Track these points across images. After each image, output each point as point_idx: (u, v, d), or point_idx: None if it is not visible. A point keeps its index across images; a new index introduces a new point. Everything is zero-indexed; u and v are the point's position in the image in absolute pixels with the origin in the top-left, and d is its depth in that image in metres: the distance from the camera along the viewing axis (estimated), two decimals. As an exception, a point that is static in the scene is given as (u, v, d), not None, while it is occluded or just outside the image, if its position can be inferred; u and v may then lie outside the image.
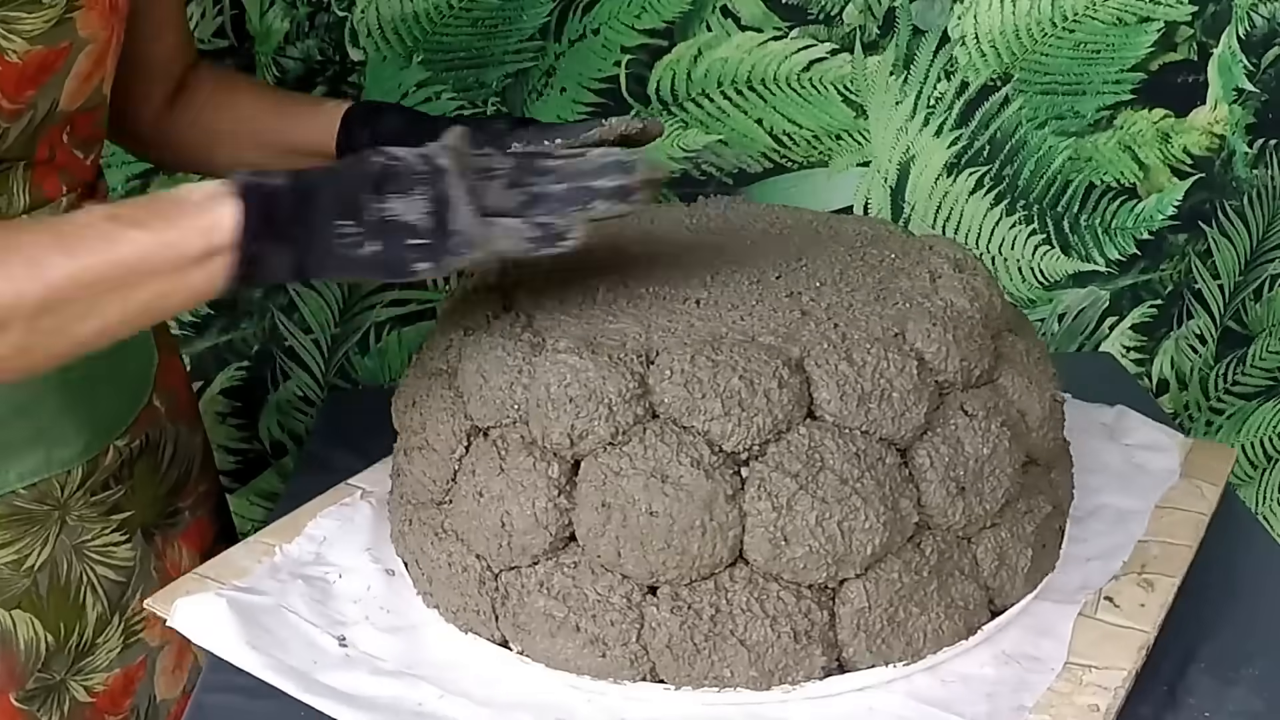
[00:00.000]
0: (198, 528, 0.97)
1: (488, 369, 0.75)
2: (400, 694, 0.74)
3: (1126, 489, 0.93)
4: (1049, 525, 0.79)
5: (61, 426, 0.82)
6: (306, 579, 0.84)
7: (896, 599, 0.71)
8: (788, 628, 0.70)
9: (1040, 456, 0.79)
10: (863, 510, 0.69)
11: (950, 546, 0.74)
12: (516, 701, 0.73)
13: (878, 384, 0.71)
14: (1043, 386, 0.79)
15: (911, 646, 0.73)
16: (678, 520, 0.68)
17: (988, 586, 0.76)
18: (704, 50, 1.19)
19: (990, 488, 0.74)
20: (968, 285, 0.79)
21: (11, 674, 0.83)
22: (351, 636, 0.79)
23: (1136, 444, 0.99)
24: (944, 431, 0.73)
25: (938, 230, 1.27)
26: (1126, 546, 0.85)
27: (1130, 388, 1.27)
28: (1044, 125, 1.24)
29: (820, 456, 0.70)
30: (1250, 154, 1.28)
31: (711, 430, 0.69)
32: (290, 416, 1.32)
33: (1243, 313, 1.37)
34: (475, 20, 1.16)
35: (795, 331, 0.74)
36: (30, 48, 0.71)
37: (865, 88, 1.22)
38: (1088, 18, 1.20)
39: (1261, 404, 1.43)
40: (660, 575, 0.70)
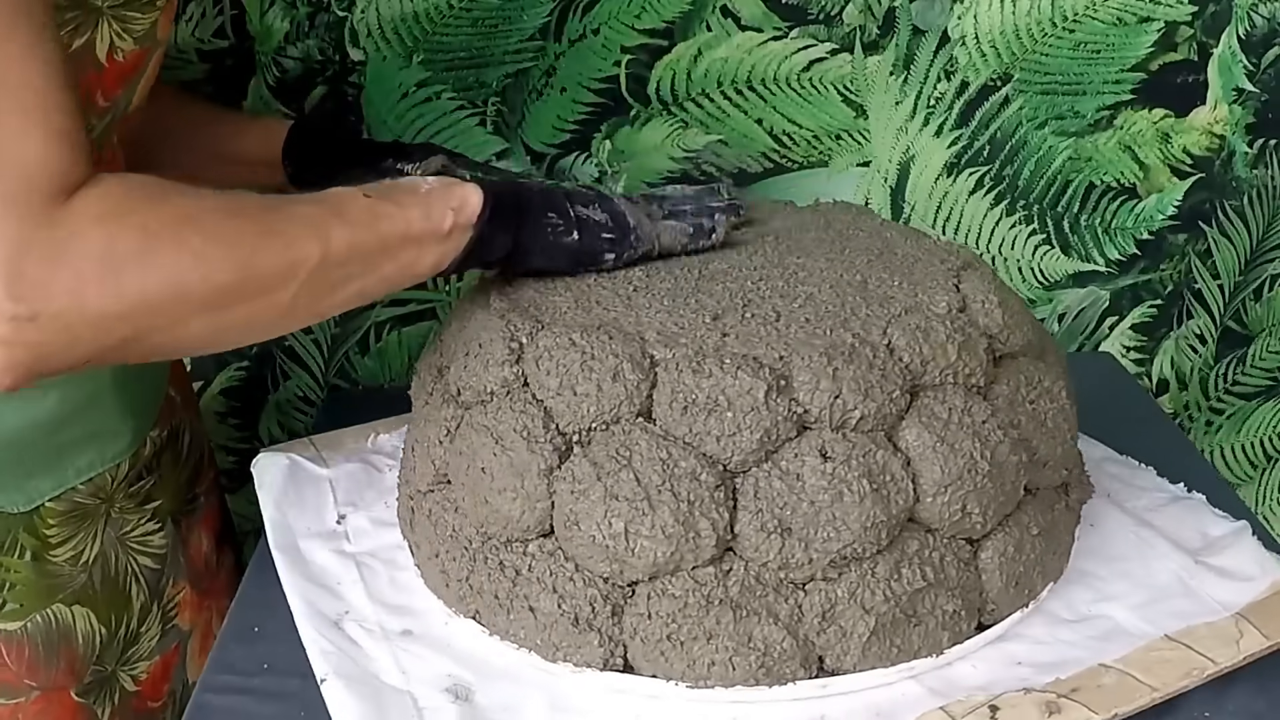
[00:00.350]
0: (211, 513, 1.00)
1: (456, 314, 0.84)
2: (333, 570, 0.84)
3: (1149, 608, 0.80)
4: (927, 602, 0.73)
5: (114, 421, 0.84)
6: (366, 465, 0.95)
7: (680, 616, 0.70)
8: (571, 609, 0.72)
9: (936, 525, 0.74)
10: (650, 517, 0.69)
11: (762, 585, 0.71)
12: (397, 605, 0.81)
13: (714, 399, 0.70)
14: (958, 453, 0.72)
15: (694, 670, 0.71)
16: (497, 480, 0.74)
17: (809, 641, 0.72)
18: (704, 50, 1.19)
19: (825, 538, 0.70)
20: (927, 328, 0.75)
21: (72, 669, 0.85)
22: (350, 518, 0.90)
23: (1214, 565, 0.84)
24: (787, 466, 0.70)
25: (937, 230, 1.27)
26: (1078, 664, 0.74)
27: (1130, 388, 1.27)
28: (1044, 125, 1.24)
29: (628, 455, 0.70)
30: (1250, 154, 1.28)
31: (551, 407, 0.74)
32: (290, 416, 1.32)
33: (1243, 313, 1.37)
34: (475, 20, 1.16)
35: (681, 333, 0.75)
36: (135, 47, 0.73)
37: (865, 88, 1.22)
38: (1088, 18, 1.20)
39: (1261, 404, 1.43)
40: (485, 528, 0.76)
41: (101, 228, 0.61)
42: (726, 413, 0.70)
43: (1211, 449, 1.44)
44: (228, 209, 0.67)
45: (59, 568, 0.82)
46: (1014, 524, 0.77)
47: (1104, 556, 0.85)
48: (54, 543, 0.82)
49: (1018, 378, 0.79)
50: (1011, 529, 0.77)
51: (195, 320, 0.65)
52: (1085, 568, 0.84)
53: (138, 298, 0.62)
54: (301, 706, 0.75)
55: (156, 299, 0.62)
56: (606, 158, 1.22)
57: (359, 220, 0.70)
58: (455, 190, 0.75)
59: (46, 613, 0.82)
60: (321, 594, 0.81)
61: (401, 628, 0.79)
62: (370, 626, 0.79)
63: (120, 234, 0.61)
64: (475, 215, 0.75)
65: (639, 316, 0.78)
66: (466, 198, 0.75)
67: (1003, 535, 0.77)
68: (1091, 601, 0.81)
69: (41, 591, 0.82)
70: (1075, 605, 0.81)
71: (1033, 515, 0.79)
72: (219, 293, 0.64)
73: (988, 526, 0.75)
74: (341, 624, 0.79)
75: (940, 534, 0.74)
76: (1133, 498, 0.93)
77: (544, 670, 0.74)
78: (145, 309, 0.62)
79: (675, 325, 0.76)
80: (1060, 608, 0.81)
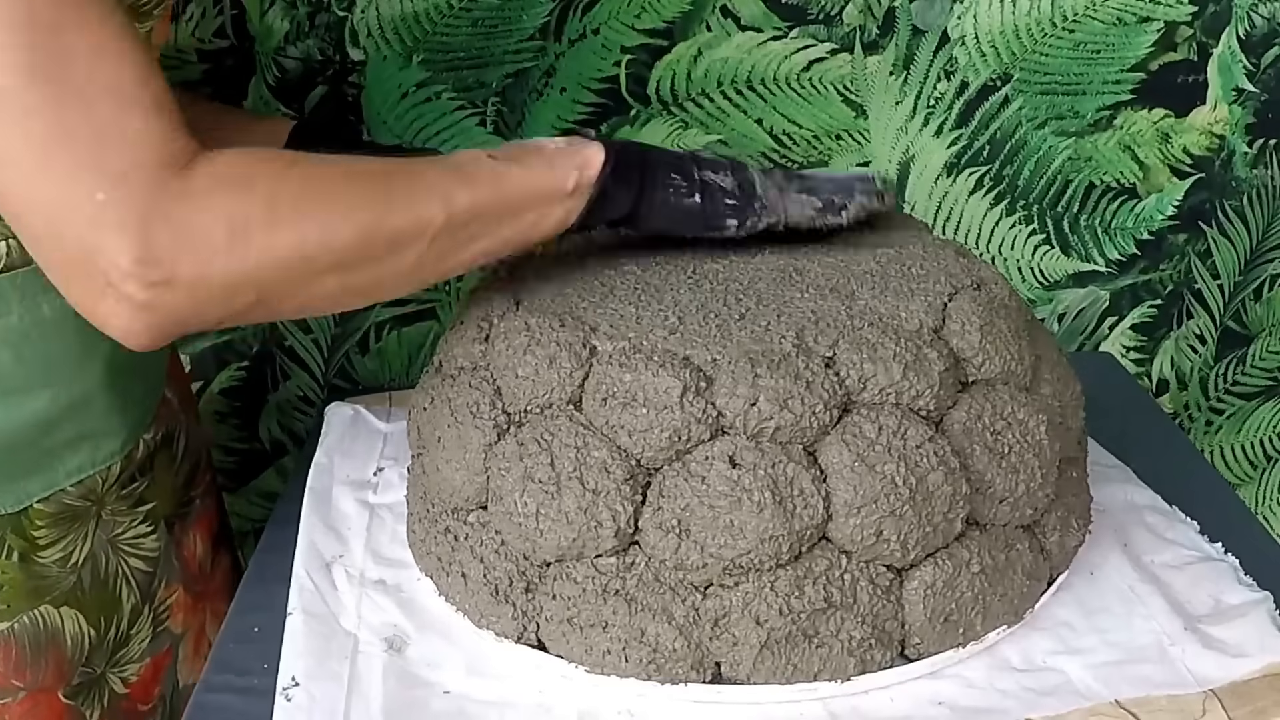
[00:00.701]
0: (207, 515, 0.99)
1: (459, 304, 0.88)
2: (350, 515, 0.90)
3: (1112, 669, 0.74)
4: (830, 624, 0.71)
5: (106, 422, 0.83)
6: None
7: (579, 601, 0.73)
8: (491, 580, 0.76)
9: (850, 548, 0.71)
10: (557, 502, 0.71)
11: (661, 583, 0.71)
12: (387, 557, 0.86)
13: (633, 393, 0.71)
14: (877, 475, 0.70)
15: (590, 656, 0.73)
16: (445, 451, 0.78)
17: (702, 645, 0.72)
18: (704, 50, 1.19)
19: (720, 544, 0.69)
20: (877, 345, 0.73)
21: (60, 671, 0.84)
22: (387, 471, 0.95)
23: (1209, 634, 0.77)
24: (695, 468, 0.70)
25: (937, 230, 1.27)
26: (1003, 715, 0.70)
27: (1130, 388, 1.27)
28: (1044, 125, 1.24)
29: (549, 440, 0.73)
30: (1250, 154, 1.28)
31: (501, 386, 0.77)
32: (290, 416, 1.32)
33: (1243, 313, 1.37)
34: (475, 20, 1.16)
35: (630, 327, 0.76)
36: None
37: (865, 88, 1.22)
38: (1088, 18, 1.20)
39: (1261, 404, 1.43)
40: (439, 499, 0.80)
41: (226, 195, 0.63)
42: (641, 408, 0.71)
43: (1211, 449, 1.44)
44: (351, 173, 0.69)
45: (47, 569, 0.82)
46: (947, 557, 0.73)
47: (1086, 608, 0.81)
48: (42, 544, 0.81)
49: (983, 405, 0.75)
50: (943, 562, 0.73)
51: (321, 282, 0.67)
52: (1059, 615, 0.80)
53: (265, 263, 0.64)
54: (301, 706, 0.75)
55: (283, 264, 0.65)
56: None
57: (482, 181, 0.71)
58: (580, 150, 0.76)
59: (34, 614, 0.82)
60: (328, 536, 0.87)
61: (378, 577, 0.84)
62: (353, 572, 0.84)
63: (245, 201, 0.63)
64: (595, 174, 0.75)
65: (607, 308, 0.78)
66: (590, 157, 0.75)
67: (932, 567, 0.73)
68: (1050, 653, 0.76)
69: (29, 592, 0.82)
70: (1031, 654, 0.76)
71: (975, 552, 0.75)
72: (344, 256, 0.66)
73: (910, 555, 0.72)
74: (331, 567, 0.85)
75: (856, 557, 0.71)
76: (1154, 551, 0.87)
77: (474, 634, 0.78)
78: (273, 274, 0.65)
79: (635, 320, 0.76)
80: (1013, 654, 0.76)
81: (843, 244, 0.87)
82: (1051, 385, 0.81)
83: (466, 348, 0.81)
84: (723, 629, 0.71)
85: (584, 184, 0.75)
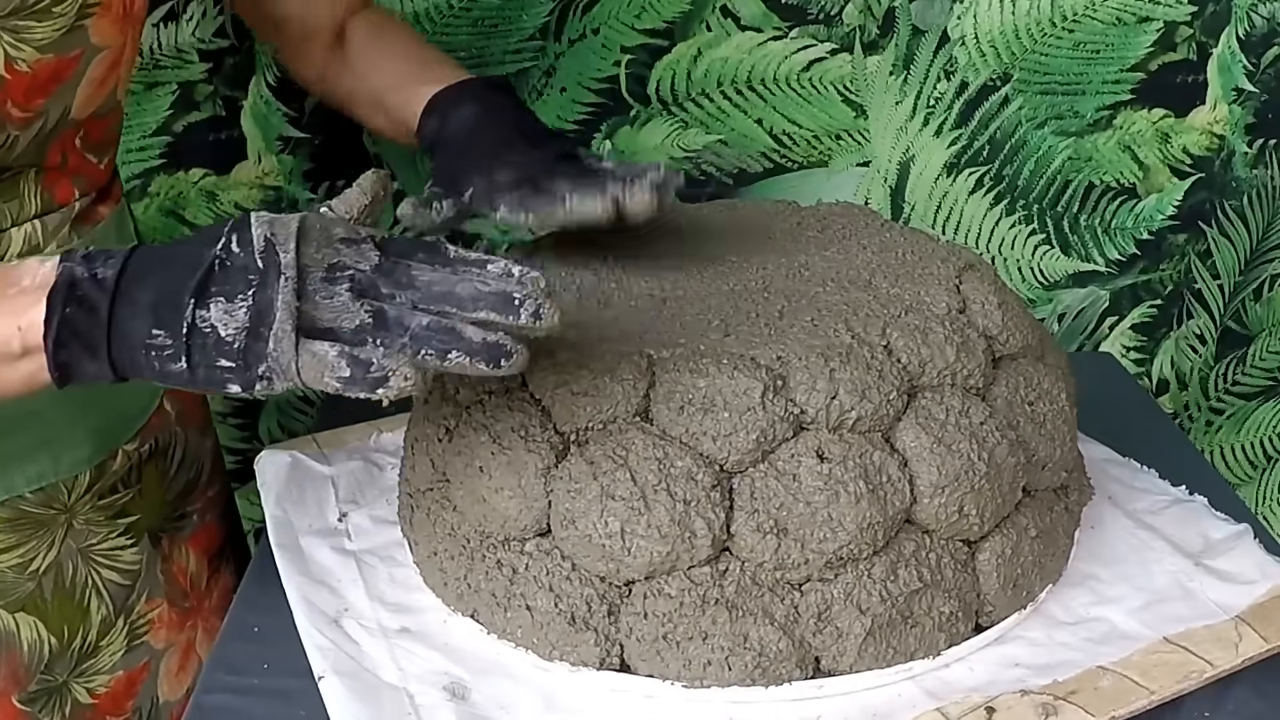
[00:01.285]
0: (205, 531, 0.97)
1: None
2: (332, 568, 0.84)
3: (1147, 610, 0.79)
4: (924, 603, 0.73)
5: (70, 432, 0.82)
6: (368, 463, 0.95)
7: (676, 616, 0.70)
8: (567, 608, 0.72)
9: (933, 527, 0.73)
10: (645, 517, 0.69)
11: (758, 585, 0.71)
12: (395, 603, 0.81)
13: (709, 398, 0.70)
14: (955, 454, 0.72)
15: (689, 670, 0.71)
16: (494, 480, 0.73)
17: (805, 642, 0.72)
18: (704, 50, 1.19)
19: (821, 538, 0.69)
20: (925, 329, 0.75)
21: (14, 676, 0.84)
22: (352, 516, 0.89)
23: (1215, 568, 0.83)
24: (783, 466, 0.70)
25: (937, 230, 1.27)
26: (1075, 666, 0.74)
27: (1130, 388, 1.27)
28: (1043, 125, 1.24)
29: (624, 454, 0.70)
30: (1250, 154, 1.28)
31: (550, 407, 0.73)
32: (290, 416, 1.32)
33: (1243, 313, 1.37)
34: (475, 20, 1.16)
35: (681, 333, 0.75)
36: (40, 56, 0.71)
37: (865, 88, 1.22)
38: (1087, 18, 1.20)
39: (1261, 404, 1.43)
40: (483, 527, 0.75)
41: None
42: (723, 412, 0.70)
43: (1211, 449, 1.44)
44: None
45: (2, 574, 0.81)
46: (1011, 526, 0.77)
47: (1103, 559, 0.85)
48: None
49: (1016, 379, 0.79)
50: (1009, 531, 0.77)
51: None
52: (1085, 570, 0.84)
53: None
54: (301, 706, 0.75)
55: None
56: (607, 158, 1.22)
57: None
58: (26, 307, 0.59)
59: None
60: (321, 591, 0.81)
61: (399, 625, 0.79)
62: (369, 624, 0.79)
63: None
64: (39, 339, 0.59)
65: (638, 316, 0.77)
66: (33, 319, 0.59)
67: (1000, 537, 0.76)
68: (1090, 604, 0.81)
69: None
70: (1073, 608, 0.80)
71: (1030, 517, 0.78)
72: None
73: (985, 528, 0.75)
74: (340, 621, 0.79)
75: (937, 535, 0.74)
76: (1133, 500, 0.92)
77: (541, 669, 0.74)
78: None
79: (677, 324, 0.76)
80: (1058, 610, 0.80)
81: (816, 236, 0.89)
82: (1053, 352, 0.84)
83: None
84: (826, 622, 0.71)
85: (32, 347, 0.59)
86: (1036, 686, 0.72)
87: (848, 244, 0.88)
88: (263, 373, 0.57)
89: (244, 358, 0.57)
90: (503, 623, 0.75)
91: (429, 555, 0.80)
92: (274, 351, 0.57)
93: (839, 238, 0.89)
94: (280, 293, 0.57)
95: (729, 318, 0.77)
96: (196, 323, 0.57)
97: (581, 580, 0.72)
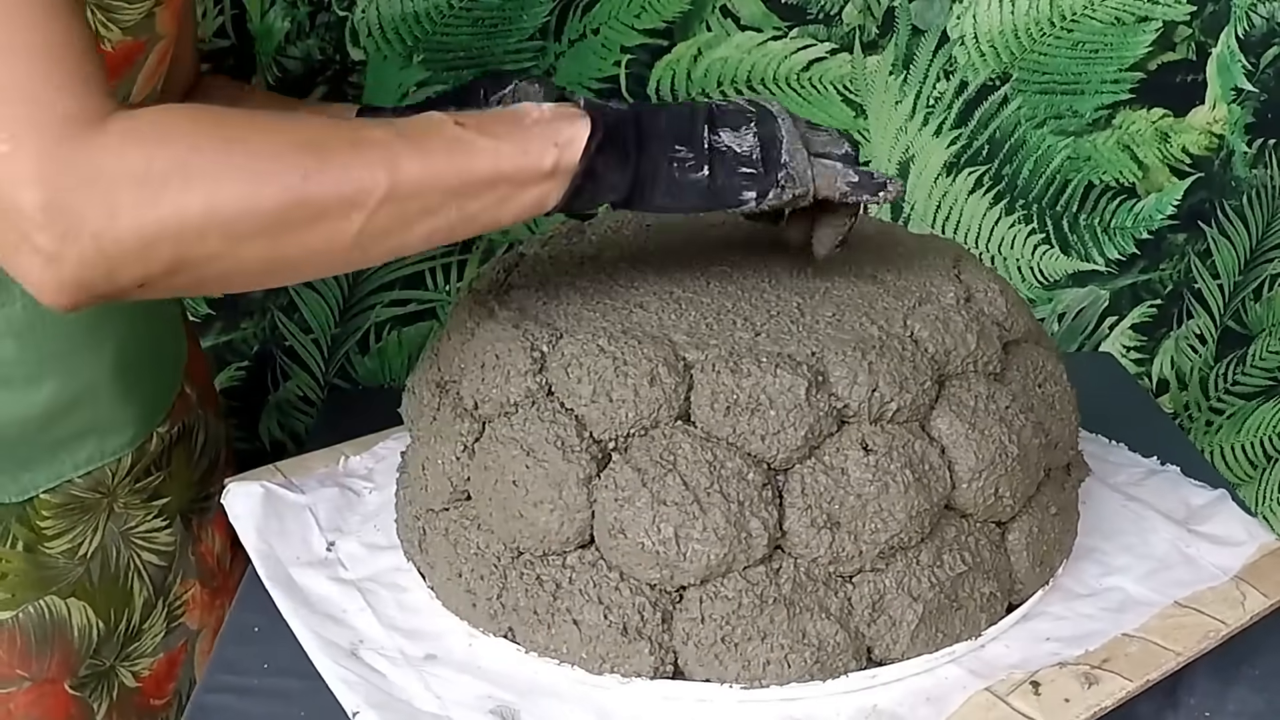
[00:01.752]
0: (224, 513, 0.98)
1: (453, 328, 0.81)
2: (335, 597, 0.81)
3: (1154, 577, 0.83)
4: (967, 586, 0.74)
5: (114, 415, 0.83)
6: (343, 488, 0.92)
7: (734, 618, 0.70)
8: (619, 619, 0.70)
9: (971, 511, 0.75)
10: (701, 520, 0.68)
11: (812, 580, 0.71)
12: (412, 629, 0.78)
13: (754, 398, 0.70)
14: (989, 439, 0.74)
15: (749, 671, 0.70)
16: (531, 493, 0.71)
17: (859, 633, 0.72)
18: (704, 50, 1.19)
19: (872, 529, 0.70)
20: (945, 318, 0.76)
21: (66, 662, 0.85)
22: (340, 544, 0.86)
23: (1205, 533, 0.87)
24: (830, 461, 0.71)
25: (937, 230, 1.27)
26: (1104, 635, 0.76)
27: (1130, 388, 1.27)
28: (1043, 125, 1.24)
29: (673, 458, 0.70)
30: (1249, 154, 1.28)
31: (584, 415, 0.72)
32: (290, 416, 1.32)
33: (1243, 312, 1.37)
34: (475, 20, 1.16)
35: (710, 335, 0.75)
36: (124, 38, 0.72)
37: (865, 87, 1.22)
38: (1086, 17, 1.20)
39: (1261, 404, 1.43)
40: (520, 543, 0.73)
41: (139, 147, 0.59)
42: (770, 411, 0.70)
43: (1211, 449, 1.44)
44: (283, 131, 0.63)
45: (53, 559, 0.82)
46: (1036, 505, 0.79)
47: (1103, 532, 0.87)
48: (49, 534, 0.81)
49: (1025, 363, 0.80)
50: (1035, 510, 0.78)
51: (246, 249, 0.61)
52: (1088, 544, 0.86)
53: (176, 219, 0.59)
54: (301, 706, 0.75)
55: (197, 221, 0.59)
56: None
57: (439, 150, 0.64)
58: (563, 124, 0.67)
59: (40, 604, 0.82)
60: (329, 624, 0.78)
61: (424, 652, 0.76)
62: (390, 654, 0.76)
63: (159, 153, 0.59)
64: (579, 152, 0.67)
65: (660, 319, 0.77)
66: (575, 134, 0.67)
67: (1027, 517, 0.78)
68: (1100, 575, 0.83)
69: (34, 582, 0.82)
70: (1085, 580, 0.83)
71: (1050, 495, 0.80)
72: (269, 220, 0.60)
73: (1016, 509, 0.77)
74: (358, 653, 0.76)
75: (974, 519, 0.75)
76: (1113, 474, 0.95)
77: (587, 684, 0.72)
78: (186, 231, 0.59)
79: (704, 326, 0.76)
80: (1073, 583, 0.82)
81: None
82: (1045, 335, 0.86)
83: (517, 383, 0.74)
84: (879, 612, 0.72)
85: (565, 165, 0.67)
86: (1071, 658, 0.74)
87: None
88: (781, 179, 0.69)
89: (763, 166, 0.69)
90: (545, 640, 0.73)
91: (451, 577, 0.78)
92: (791, 163, 0.70)
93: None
94: (783, 123, 0.71)
95: (750, 316, 0.77)
96: (714, 144, 0.69)
97: (632, 589, 0.71)
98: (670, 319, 0.77)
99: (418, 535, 0.81)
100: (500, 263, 0.87)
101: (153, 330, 0.88)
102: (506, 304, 0.80)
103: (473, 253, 1.26)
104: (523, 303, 0.80)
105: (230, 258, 0.61)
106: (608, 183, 0.69)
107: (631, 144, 0.69)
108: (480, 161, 0.65)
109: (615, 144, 0.68)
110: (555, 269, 0.84)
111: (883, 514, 0.70)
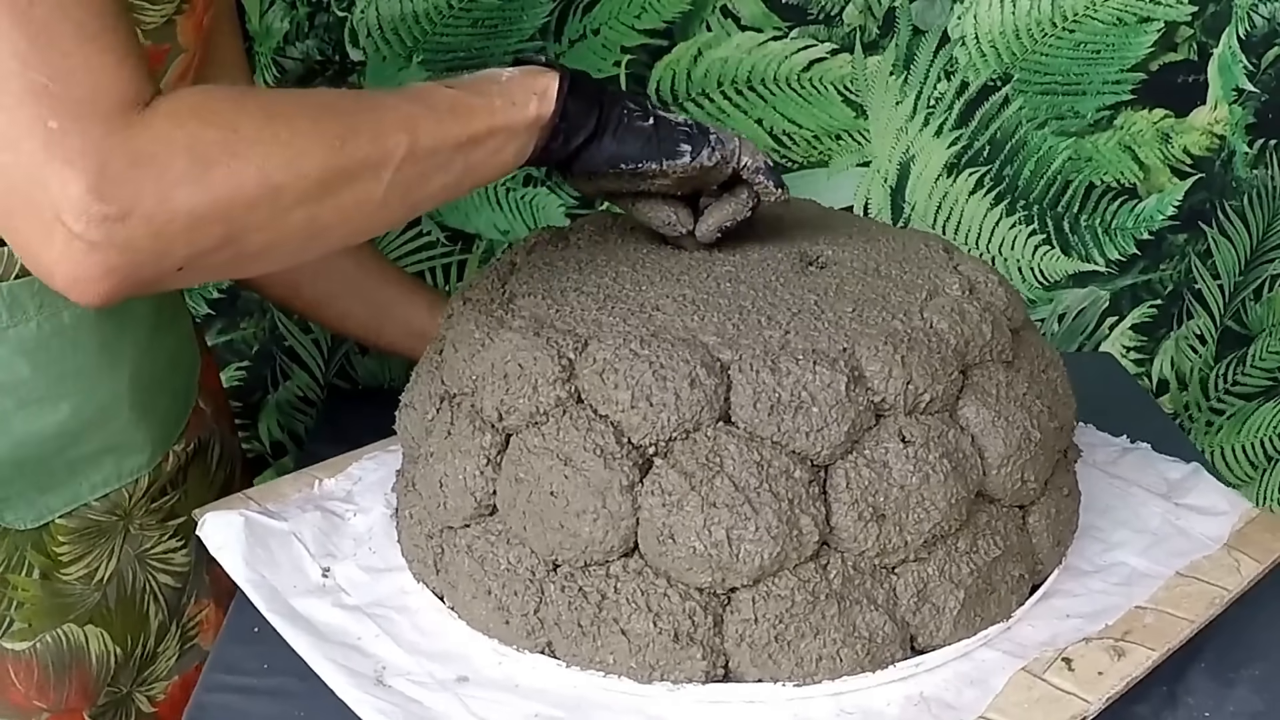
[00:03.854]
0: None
1: (459, 340, 0.79)
2: (346, 626, 0.78)
3: (1152, 550, 0.85)
4: (1000, 570, 0.75)
5: (132, 434, 0.82)
6: (325, 512, 0.88)
7: (787, 616, 0.69)
8: (669, 625, 0.70)
9: (1000, 496, 0.76)
10: (753, 520, 0.68)
11: (860, 573, 0.71)
12: (437, 651, 0.76)
13: (796, 396, 0.70)
14: (1014, 425, 0.75)
15: (802, 668, 0.70)
16: (572, 503, 0.70)
17: (905, 622, 0.73)
18: (704, 50, 1.19)
19: (916, 519, 0.71)
20: (959, 309, 0.77)
21: (85, 691, 0.83)
22: (336, 569, 0.83)
23: (1189, 505, 0.90)
24: (871, 454, 0.71)
25: (937, 230, 1.27)
26: (1119, 609, 0.79)
27: (1130, 388, 1.27)
28: (1044, 125, 1.24)
29: (719, 460, 0.69)
30: (1250, 154, 1.28)
31: (622, 421, 0.71)
32: (290, 416, 1.32)
33: (1243, 313, 1.37)
34: (475, 20, 1.16)
35: (739, 335, 0.74)
36: (145, 42, 0.72)
37: (865, 88, 1.22)
38: (1088, 18, 1.20)
39: (1261, 404, 1.43)
40: (558, 555, 0.72)
41: (186, 127, 0.60)
42: (813, 408, 0.70)
43: (1211, 449, 1.44)
44: (313, 103, 0.67)
45: (70, 586, 0.81)
46: (1053, 487, 0.80)
47: (1096, 509, 0.89)
48: (65, 560, 0.80)
49: (1029, 350, 0.81)
50: (1052, 493, 0.80)
51: (290, 216, 0.63)
52: (1086, 520, 0.87)
53: (228, 194, 0.60)
54: (301, 707, 0.75)
55: (248, 194, 0.61)
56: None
57: (445, 110, 0.70)
58: (536, 77, 0.74)
59: (57, 633, 0.81)
60: (346, 652, 0.75)
61: (455, 674, 0.74)
62: (420, 679, 0.73)
63: (205, 132, 0.60)
64: (555, 99, 0.74)
65: (683, 321, 0.76)
66: (547, 84, 0.74)
67: (1046, 499, 0.79)
68: (1102, 551, 0.85)
69: (51, 611, 0.80)
70: (1090, 557, 0.85)
71: (1063, 476, 0.82)
72: (310, 185, 0.63)
73: (1038, 493, 0.78)
74: (384, 680, 0.73)
75: (1001, 504, 0.77)
76: (1091, 453, 0.96)
77: (635, 694, 0.71)
78: (237, 205, 0.61)
79: (730, 326, 0.75)
80: (1080, 561, 0.84)
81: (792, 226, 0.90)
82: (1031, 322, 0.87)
83: (546, 391, 0.72)
84: (924, 600, 0.73)
85: (544, 110, 0.74)
86: (1094, 633, 0.76)
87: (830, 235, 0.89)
88: (713, 141, 0.78)
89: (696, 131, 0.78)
90: (590, 652, 0.71)
91: (477, 595, 0.75)
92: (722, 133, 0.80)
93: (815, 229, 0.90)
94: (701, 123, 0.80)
95: (772, 314, 0.77)
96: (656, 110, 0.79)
97: (681, 595, 0.70)
98: (694, 321, 0.76)
99: (432, 555, 0.79)
100: (493, 272, 0.85)
101: (167, 345, 0.87)
102: (516, 313, 0.78)
103: (473, 253, 1.26)
104: (533, 311, 0.78)
105: (273, 228, 0.63)
106: (578, 124, 0.76)
107: (593, 90, 0.76)
108: (479, 117, 0.71)
109: (582, 90, 0.75)
110: (554, 275, 0.83)
111: (925, 504, 0.71)
